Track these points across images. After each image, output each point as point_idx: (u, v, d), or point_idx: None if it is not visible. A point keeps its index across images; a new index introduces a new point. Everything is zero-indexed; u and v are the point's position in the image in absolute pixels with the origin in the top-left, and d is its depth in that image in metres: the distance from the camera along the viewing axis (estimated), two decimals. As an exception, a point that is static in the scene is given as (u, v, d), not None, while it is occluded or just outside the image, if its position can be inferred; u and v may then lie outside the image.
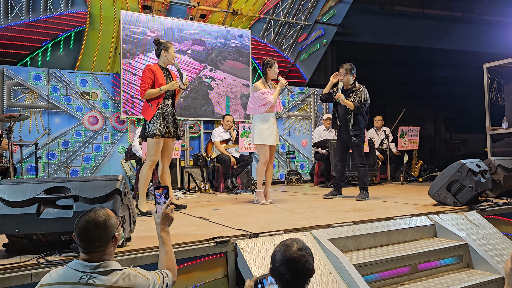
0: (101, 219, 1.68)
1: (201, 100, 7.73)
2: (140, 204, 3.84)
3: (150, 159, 3.87)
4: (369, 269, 2.72)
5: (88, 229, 1.65)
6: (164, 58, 3.97)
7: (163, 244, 1.97)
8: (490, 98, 6.50)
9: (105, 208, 1.78)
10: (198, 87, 7.71)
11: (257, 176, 4.64)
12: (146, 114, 3.87)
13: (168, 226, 2.01)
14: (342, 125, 4.90)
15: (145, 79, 3.83)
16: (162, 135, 3.85)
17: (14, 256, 2.26)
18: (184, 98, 7.55)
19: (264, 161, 4.56)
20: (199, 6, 7.73)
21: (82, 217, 1.69)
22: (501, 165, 4.42)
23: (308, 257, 1.63)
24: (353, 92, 4.84)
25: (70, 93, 6.79)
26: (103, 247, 1.67)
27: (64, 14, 6.83)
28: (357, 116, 4.79)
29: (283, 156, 8.59)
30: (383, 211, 3.66)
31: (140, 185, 3.91)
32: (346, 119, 4.83)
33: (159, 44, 3.99)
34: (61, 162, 6.65)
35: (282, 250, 1.64)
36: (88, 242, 1.65)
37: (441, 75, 14.02)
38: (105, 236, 1.67)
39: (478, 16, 12.01)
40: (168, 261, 1.94)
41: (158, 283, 1.73)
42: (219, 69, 7.94)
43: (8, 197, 2.27)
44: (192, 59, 7.68)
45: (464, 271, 3.07)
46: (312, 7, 8.63)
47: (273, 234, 2.77)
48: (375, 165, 6.89)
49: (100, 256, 1.67)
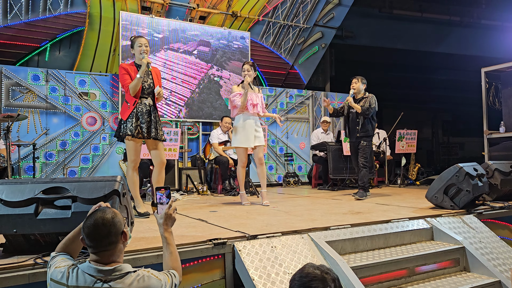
0: (109, 216, 1.68)
1: (214, 95, 7.98)
2: (137, 206, 3.83)
3: (130, 161, 3.81)
4: (366, 271, 2.72)
5: (97, 226, 1.64)
6: (135, 55, 3.84)
7: (168, 245, 1.95)
8: (488, 102, 6.52)
9: (110, 207, 1.79)
10: (209, 85, 7.93)
11: (238, 179, 4.76)
12: (123, 113, 3.79)
13: (171, 226, 2.01)
14: (352, 130, 5.38)
15: (122, 76, 3.73)
16: (132, 135, 3.70)
17: (11, 256, 2.25)
18: (199, 93, 7.76)
19: (241, 164, 4.66)
20: (198, 7, 7.74)
21: (88, 217, 1.69)
22: (498, 169, 4.44)
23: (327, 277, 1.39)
24: (363, 99, 5.35)
25: (69, 93, 6.78)
26: (113, 245, 1.66)
27: (63, 14, 6.83)
28: (365, 120, 5.25)
29: (281, 158, 8.60)
30: (380, 214, 3.67)
31: (130, 188, 3.85)
32: (355, 123, 5.31)
33: (131, 41, 3.86)
34: (59, 162, 6.64)
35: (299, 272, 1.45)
36: (98, 240, 1.64)
37: (439, 78, 14.07)
38: (115, 232, 1.67)
39: (476, 21, 12.06)
40: (173, 261, 1.93)
41: (168, 283, 1.74)
42: (225, 69, 8.09)
43: (6, 197, 2.26)
44: (199, 59, 7.79)
45: (461, 274, 3.08)
46: (311, 10, 8.65)
47: (271, 236, 2.77)
48: (373, 168, 6.90)
49: (111, 255, 1.66)
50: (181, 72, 7.59)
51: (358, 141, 5.30)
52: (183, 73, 7.61)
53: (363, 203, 4.60)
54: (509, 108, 6.31)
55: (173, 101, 7.49)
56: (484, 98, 6.55)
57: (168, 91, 7.41)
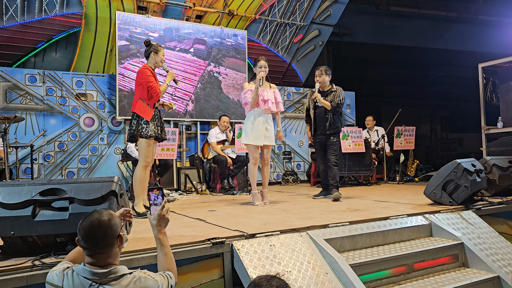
0: (105, 218, 1.66)
1: (217, 89, 8.04)
2: (137, 206, 3.83)
3: (144, 160, 3.87)
4: (365, 269, 2.72)
5: (93, 228, 1.62)
6: (153, 60, 3.97)
7: (162, 246, 1.94)
8: (485, 98, 6.52)
9: (107, 209, 1.76)
10: (211, 80, 7.98)
11: (250, 177, 4.66)
12: (145, 114, 3.86)
13: (165, 227, 1.99)
14: (319, 127, 4.98)
15: (150, 78, 3.86)
16: (155, 138, 3.90)
17: (9, 258, 2.25)
18: (201, 89, 7.81)
19: (253, 161, 4.56)
20: (194, 6, 7.73)
21: (85, 219, 1.67)
22: (496, 164, 4.44)
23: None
24: (331, 93, 4.97)
25: (66, 94, 6.77)
26: (109, 247, 1.65)
27: (59, 15, 6.81)
28: (334, 116, 4.91)
29: (279, 156, 8.60)
30: (379, 211, 3.67)
31: (136, 187, 3.89)
32: (323, 120, 4.93)
33: (149, 45, 3.99)
34: (56, 163, 6.63)
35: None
36: (93, 242, 1.63)
37: (437, 75, 14.08)
38: (111, 235, 1.65)
39: (473, 16, 12.07)
40: (168, 262, 1.92)
41: (164, 285, 1.73)
42: (221, 66, 8.11)
43: (3, 199, 2.26)
44: (196, 57, 7.81)
45: (460, 270, 3.08)
46: (308, 7, 8.64)
47: (269, 234, 2.77)
48: (371, 165, 6.91)
49: (106, 258, 1.64)
50: (181, 70, 7.61)
51: (327, 138, 4.92)
52: (183, 70, 7.64)
53: (362, 201, 4.60)
54: (506, 104, 6.31)
55: (179, 97, 7.56)
56: (482, 93, 6.55)
57: (172, 88, 7.43)
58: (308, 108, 5.14)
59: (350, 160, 6.64)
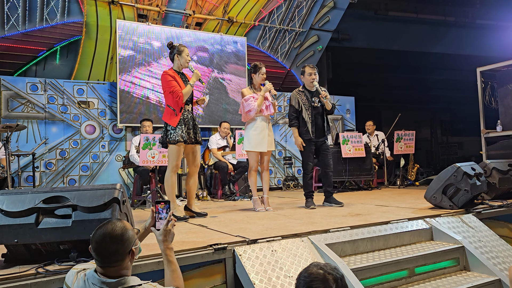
0: (118, 233, 1.61)
1: (225, 93, 8.18)
2: (175, 211, 3.85)
3: (172, 166, 3.90)
4: (366, 273, 2.73)
5: (105, 242, 1.59)
6: (178, 63, 3.97)
7: (169, 262, 1.88)
8: (484, 102, 6.55)
9: (122, 220, 1.71)
10: (217, 85, 8.10)
11: (250, 184, 4.67)
12: (171, 120, 3.88)
13: (171, 241, 1.95)
14: (316, 129, 4.65)
15: (171, 83, 3.84)
16: (184, 142, 3.88)
17: (13, 266, 2.26)
18: (210, 94, 7.91)
19: (253, 168, 4.57)
20: (194, 14, 7.78)
21: (98, 229, 1.63)
22: (496, 167, 4.46)
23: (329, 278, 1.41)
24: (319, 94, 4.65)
25: (67, 102, 6.81)
26: (120, 262, 1.62)
27: (60, 24, 6.87)
28: (327, 117, 4.76)
29: (280, 162, 8.62)
30: (380, 216, 3.68)
31: (169, 192, 3.94)
32: (322, 121, 4.69)
33: (172, 47, 3.99)
34: (58, 171, 6.65)
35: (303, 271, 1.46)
36: (104, 256, 1.59)
37: (436, 79, 14.12)
38: (122, 251, 1.61)
39: (471, 20, 12.14)
40: (176, 279, 1.88)
41: None
42: (225, 72, 8.19)
43: (6, 207, 2.28)
44: (199, 64, 7.87)
45: (461, 273, 3.09)
46: (307, 13, 8.70)
47: (271, 240, 2.78)
48: (372, 170, 6.93)
49: (117, 271, 1.62)
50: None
51: (322, 141, 4.68)
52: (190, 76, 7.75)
53: (363, 205, 4.61)
54: (505, 107, 6.34)
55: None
56: (480, 97, 6.57)
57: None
58: (299, 110, 4.65)
59: (350, 165, 6.65)
